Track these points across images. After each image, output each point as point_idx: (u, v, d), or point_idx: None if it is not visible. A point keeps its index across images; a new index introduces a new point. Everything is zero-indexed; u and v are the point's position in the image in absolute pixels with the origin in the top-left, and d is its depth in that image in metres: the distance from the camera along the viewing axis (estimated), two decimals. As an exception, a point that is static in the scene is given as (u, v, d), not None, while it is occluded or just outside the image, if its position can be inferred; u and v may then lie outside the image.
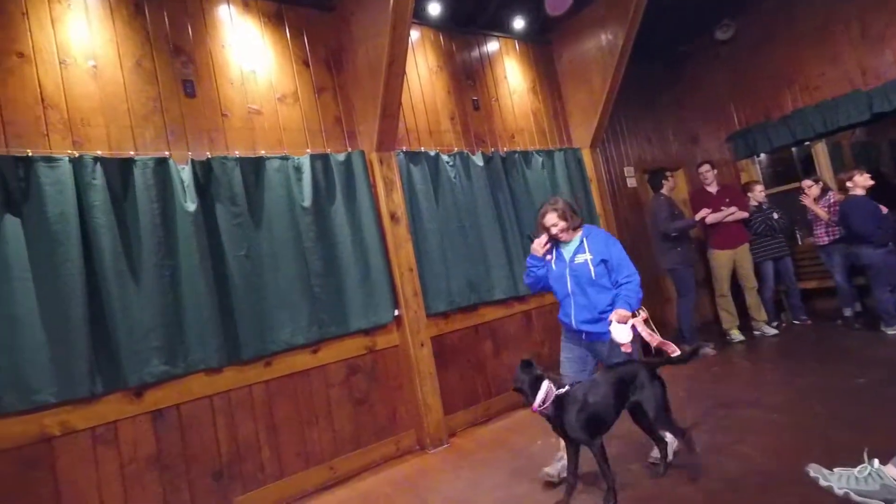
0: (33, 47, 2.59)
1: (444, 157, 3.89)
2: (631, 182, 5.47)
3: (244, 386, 2.90)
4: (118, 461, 2.52)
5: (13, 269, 2.35)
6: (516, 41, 4.74)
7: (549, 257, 2.56)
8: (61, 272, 2.44)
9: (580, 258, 2.44)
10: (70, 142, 2.62)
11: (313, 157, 3.29)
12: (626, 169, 5.47)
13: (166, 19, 3.01)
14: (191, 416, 2.73)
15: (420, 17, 4.00)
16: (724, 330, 4.86)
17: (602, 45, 4.47)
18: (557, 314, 2.59)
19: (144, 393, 2.62)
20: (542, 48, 4.91)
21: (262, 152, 3.17)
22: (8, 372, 2.29)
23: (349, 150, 3.50)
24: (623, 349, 2.24)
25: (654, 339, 2.29)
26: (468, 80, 4.33)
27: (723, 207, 4.72)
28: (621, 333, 2.21)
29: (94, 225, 2.55)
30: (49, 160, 2.48)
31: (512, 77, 4.63)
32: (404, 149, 3.73)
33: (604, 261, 2.40)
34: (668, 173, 4.84)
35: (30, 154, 2.45)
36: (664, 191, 4.77)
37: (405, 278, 3.48)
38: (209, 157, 2.94)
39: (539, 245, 2.52)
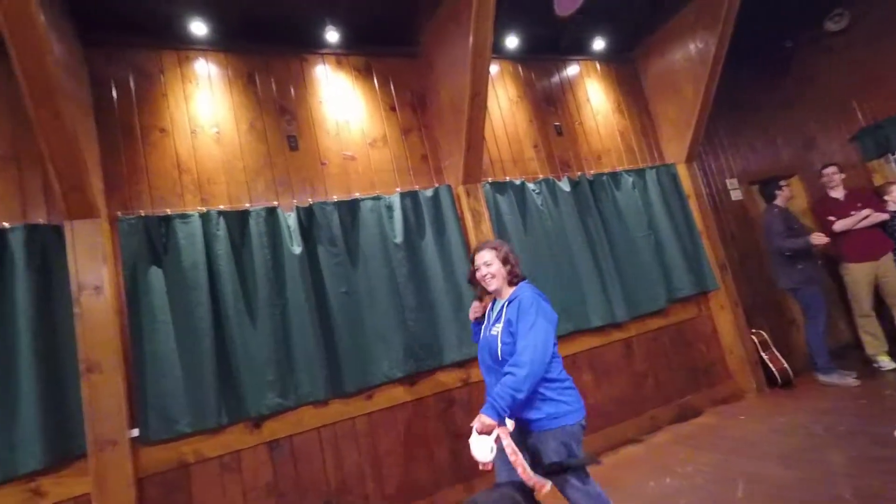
0: (171, 122, 3.04)
1: (530, 186, 3.87)
2: (735, 195, 5.03)
3: (348, 418, 3.03)
4: (241, 487, 2.73)
5: (157, 313, 2.71)
6: (597, 62, 4.66)
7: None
8: (194, 315, 2.76)
9: (495, 329, 1.99)
10: (199, 199, 3.00)
11: (403, 195, 3.44)
12: (728, 181, 5.05)
13: (273, 85, 3.38)
14: (302, 446, 2.90)
15: (498, 51, 4.10)
16: (868, 356, 4.20)
17: (691, 54, 4.25)
18: (658, 340, 2.41)
19: (262, 424, 2.83)
20: (625, 66, 4.78)
21: (357, 194, 3.38)
22: (155, 404, 2.61)
23: (436, 185, 3.62)
24: (482, 467, 1.76)
25: (517, 462, 1.76)
26: (549, 107, 4.32)
27: (852, 213, 4.16)
28: (479, 448, 1.74)
29: (218, 271, 2.87)
30: (183, 217, 2.86)
31: (595, 98, 4.54)
32: (490, 180, 3.78)
33: (513, 334, 1.90)
34: (782, 182, 4.39)
35: (169, 213, 2.84)
36: (778, 202, 4.32)
37: (497, 309, 3.47)
38: (311, 203, 3.20)
39: (473, 309, 2.21)
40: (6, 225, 2.50)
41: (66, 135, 2.36)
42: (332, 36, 3.52)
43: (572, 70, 4.53)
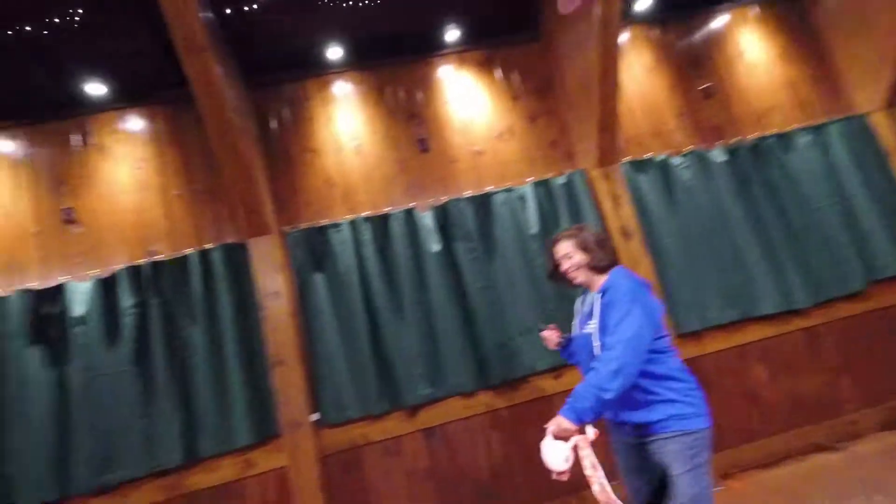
0: (319, 142, 3.39)
1: (675, 160, 3.50)
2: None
3: (495, 409, 3.11)
4: (403, 470, 2.99)
5: (323, 314, 3.07)
6: (751, 7, 3.99)
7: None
8: (352, 314, 3.07)
9: (590, 326, 1.76)
10: (346, 209, 3.31)
11: (535, 185, 3.38)
12: (949, 122, 3.96)
13: (402, 93, 3.56)
14: (454, 435, 3.06)
15: (627, 18, 3.76)
16: None
17: (885, -29, 3.40)
18: (855, 329, 2.01)
19: (417, 413, 3.05)
20: (789, 4, 4.01)
21: (489, 188, 3.41)
22: (329, 393, 2.97)
23: (569, 171, 3.48)
24: (556, 476, 1.55)
25: (594, 478, 1.54)
26: (693, 69, 3.84)
27: None
28: (553, 455, 1.54)
29: (368, 273, 3.14)
30: (335, 226, 3.18)
31: (750, 49, 3.91)
32: (628, 159, 3.51)
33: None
34: None
35: (324, 223, 3.19)
36: None
37: (644, 297, 3.23)
38: (445, 201, 3.31)
39: (547, 340, 2.14)
40: (209, 246, 3.06)
41: (242, 166, 2.79)
42: (451, 35, 3.58)
43: (720, 22, 3.95)
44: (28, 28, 2.72)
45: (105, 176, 3.19)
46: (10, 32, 2.72)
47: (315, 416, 2.95)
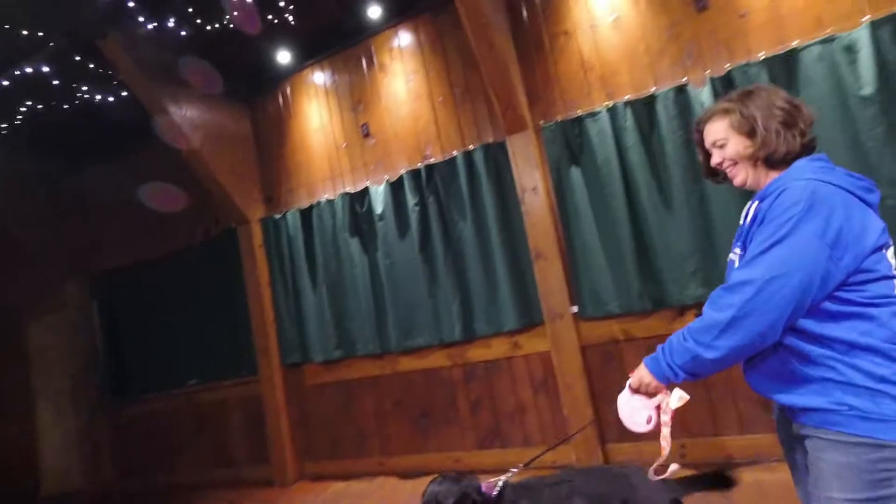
0: (572, 22, 3.12)
1: None
2: None
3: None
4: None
5: (580, 208, 3.00)
6: None
7: None
8: (611, 208, 2.91)
9: (734, 252, 1.18)
10: (605, 94, 3.02)
11: (875, 26, 2.41)
12: None
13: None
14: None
15: None
16: None
17: None
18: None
19: (685, 314, 2.80)
20: None
21: (794, 43, 2.61)
22: (587, 287, 2.98)
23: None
24: (639, 429, 1.21)
25: (664, 448, 1.18)
26: None
27: None
28: (630, 413, 1.21)
29: (629, 164, 2.88)
30: (592, 115, 2.97)
31: None
32: None
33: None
34: None
35: (580, 114, 3.00)
36: None
37: None
38: (728, 68, 2.69)
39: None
40: (472, 147, 3.27)
41: (498, 62, 2.79)
42: None
43: None
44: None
45: (387, 91, 3.66)
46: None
47: (574, 309, 3.02)
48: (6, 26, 3.10)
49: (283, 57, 3.78)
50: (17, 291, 5.42)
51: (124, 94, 3.71)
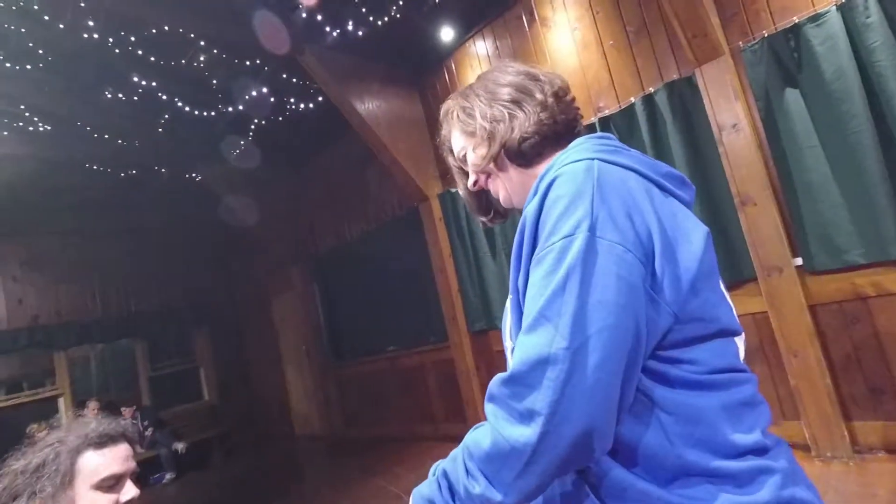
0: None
1: None
2: None
3: None
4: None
5: (802, 139, 2.47)
6: None
7: None
8: (847, 131, 2.32)
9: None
10: (831, -10, 2.40)
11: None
12: None
13: None
14: None
15: None
16: None
17: None
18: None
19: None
20: None
21: None
22: (816, 233, 2.45)
23: None
24: None
25: None
26: None
27: None
28: None
29: (876, 69, 2.24)
30: (814, 19, 2.38)
31: None
32: None
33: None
34: None
35: (796, 21, 2.44)
36: None
37: None
38: None
39: None
40: (651, 89, 2.93)
41: (681, -18, 2.42)
42: None
43: None
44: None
45: (552, 47, 3.49)
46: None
47: (798, 261, 2.53)
48: (235, 60, 3.84)
49: (447, 34, 3.88)
50: (262, 275, 6.80)
51: (320, 99, 4.28)
